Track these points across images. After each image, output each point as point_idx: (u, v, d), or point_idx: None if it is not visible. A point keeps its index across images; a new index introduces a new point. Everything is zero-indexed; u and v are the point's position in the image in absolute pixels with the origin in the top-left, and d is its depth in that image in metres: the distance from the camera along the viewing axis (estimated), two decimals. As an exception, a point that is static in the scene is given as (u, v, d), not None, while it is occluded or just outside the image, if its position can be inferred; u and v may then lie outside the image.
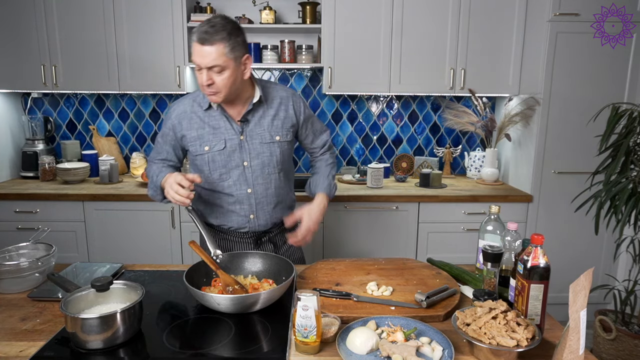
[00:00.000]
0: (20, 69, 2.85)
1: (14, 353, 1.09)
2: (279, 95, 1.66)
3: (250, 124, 1.61)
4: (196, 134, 1.60)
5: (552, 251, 2.73)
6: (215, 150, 1.60)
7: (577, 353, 0.97)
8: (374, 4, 2.79)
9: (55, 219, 2.70)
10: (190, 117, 1.60)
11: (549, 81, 2.69)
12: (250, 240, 1.73)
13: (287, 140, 1.67)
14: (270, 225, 1.73)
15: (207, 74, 1.45)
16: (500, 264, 1.31)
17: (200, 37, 1.43)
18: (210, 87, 1.47)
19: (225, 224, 1.71)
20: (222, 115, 1.60)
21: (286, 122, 1.66)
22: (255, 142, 1.61)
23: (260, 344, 1.14)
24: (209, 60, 1.43)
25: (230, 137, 1.60)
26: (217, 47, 1.42)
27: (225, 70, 1.46)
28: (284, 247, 1.81)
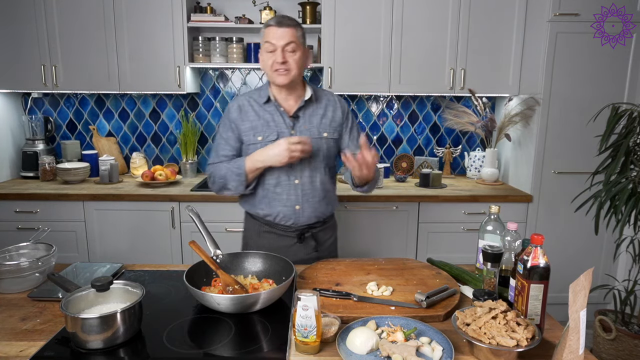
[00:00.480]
0: (20, 69, 2.85)
1: (14, 353, 1.09)
2: (327, 97, 1.81)
3: (300, 119, 1.73)
4: (250, 125, 1.72)
5: (552, 251, 2.73)
6: (268, 141, 1.69)
7: (577, 353, 0.97)
8: (374, 4, 2.80)
9: (56, 219, 2.71)
10: (247, 110, 1.74)
11: (549, 81, 2.69)
12: (294, 235, 1.78)
13: (333, 138, 1.77)
14: (314, 219, 1.78)
15: (281, 53, 1.61)
16: (500, 264, 1.31)
17: (278, 20, 1.62)
18: (284, 64, 1.62)
19: (271, 213, 1.75)
20: (276, 110, 1.72)
21: (333, 121, 1.77)
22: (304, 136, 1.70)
23: (260, 344, 1.14)
24: (286, 38, 1.61)
25: (282, 130, 1.70)
26: (292, 30, 1.62)
27: (297, 50, 1.63)
28: (324, 244, 1.86)
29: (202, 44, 2.95)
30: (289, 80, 1.65)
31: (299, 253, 1.78)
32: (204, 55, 2.96)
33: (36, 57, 2.84)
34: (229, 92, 3.26)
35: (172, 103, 3.27)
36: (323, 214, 1.80)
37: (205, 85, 3.25)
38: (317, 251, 1.82)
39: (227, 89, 3.26)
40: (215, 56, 2.97)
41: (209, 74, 3.23)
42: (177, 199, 2.69)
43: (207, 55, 2.98)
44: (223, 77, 3.25)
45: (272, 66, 1.63)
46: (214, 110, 3.28)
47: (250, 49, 2.98)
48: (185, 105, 3.27)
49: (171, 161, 3.35)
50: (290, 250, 1.77)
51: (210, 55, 2.98)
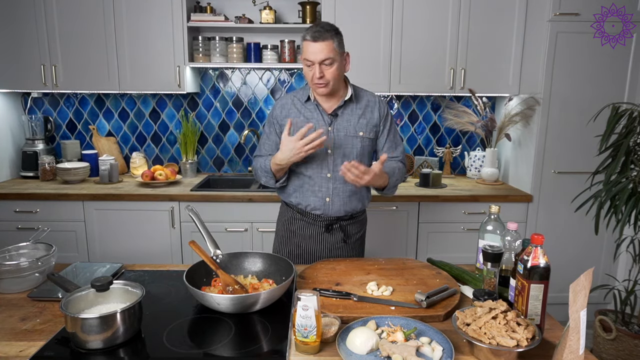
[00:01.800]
0: (20, 69, 2.85)
1: (14, 353, 1.09)
2: (368, 98, 1.85)
3: (339, 118, 1.79)
4: (292, 121, 1.76)
5: (552, 251, 2.73)
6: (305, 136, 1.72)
7: (577, 353, 0.97)
8: (374, 4, 2.79)
9: (55, 219, 2.71)
10: (289, 108, 1.84)
11: (549, 81, 2.69)
12: (322, 224, 1.86)
13: (369, 137, 1.82)
14: (343, 212, 1.85)
15: (319, 68, 1.67)
16: (500, 264, 1.31)
17: (313, 35, 1.66)
18: (321, 79, 1.69)
19: (302, 202, 1.85)
20: (317, 108, 1.80)
21: (371, 121, 1.82)
22: (340, 134, 1.79)
23: (260, 344, 1.14)
24: (322, 55, 1.66)
25: (320, 126, 1.77)
26: (327, 43, 1.66)
27: (334, 63, 1.68)
28: (352, 238, 1.93)
29: (202, 44, 2.95)
30: (327, 92, 1.73)
31: (326, 242, 1.88)
32: (204, 55, 2.96)
33: (36, 57, 2.84)
34: (229, 92, 3.26)
35: (172, 103, 3.27)
36: (352, 208, 1.87)
37: (205, 85, 3.25)
38: (345, 242, 1.90)
39: (227, 89, 3.26)
40: (215, 56, 2.97)
41: (209, 73, 3.23)
42: (177, 198, 2.69)
43: (207, 55, 2.97)
44: (223, 76, 3.25)
45: (312, 80, 1.71)
46: (214, 110, 3.28)
47: (250, 48, 2.98)
48: (185, 105, 3.27)
49: (171, 161, 3.35)
50: (317, 238, 1.88)
51: (210, 55, 2.98)
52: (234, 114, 3.29)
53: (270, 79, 3.25)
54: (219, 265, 1.43)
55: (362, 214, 1.98)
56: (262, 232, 2.74)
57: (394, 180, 1.83)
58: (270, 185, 1.86)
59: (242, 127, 3.30)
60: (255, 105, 3.28)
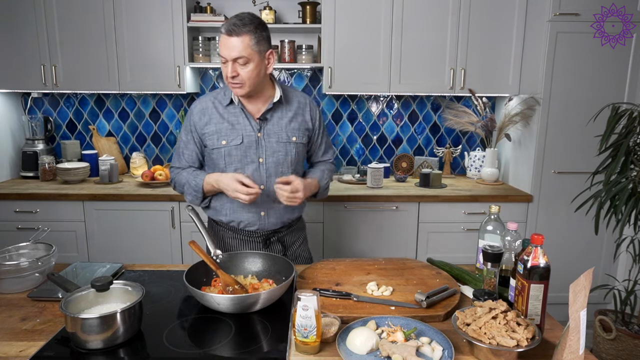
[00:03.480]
0: (20, 69, 2.85)
1: (14, 353, 1.09)
2: (298, 100, 1.72)
3: (268, 122, 1.65)
4: (215, 128, 1.63)
5: (552, 251, 2.73)
6: (232, 145, 1.62)
7: (577, 353, 0.97)
8: (374, 4, 2.79)
9: (55, 219, 2.70)
10: (210, 112, 1.65)
11: (549, 81, 2.69)
12: (259, 240, 1.74)
13: (302, 142, 1.71)
14: (280, 224, 1.74)
15: (232, 66, 1.51)
16: (500, 264, 1.31)
17: (228, 28, 1.48)
18: (234, 78, 1.53)
19: (235, 220, 1.71)
20: (242, 112, 1.64)
21: (302, 125, 1.70)
22: (272, 140, 1.65)
23: (260, 344, 1.14)
24: (235, 51, 1.49)
25: (247, 133, 1.63)
26: (243, 39, 1.48)
27: (249, 62, 1.51)
28: (292, 247, 1.81)
29: (202, 44, 2.95)
30: (243, 93, 1.57)
31: None
32: (204, 55, 2.96)
33: (36, 57, 2.84)
34: (229, 92, 3.26)
35: (172, 103, 3.27)
36: (289, 219, 1.76)
37: (205, 85, 3.25)
38: (285, 255, 1.77)
39: (227, 89, 3.25)
40: (215, 56, 2.97)
41: (209, 73, 3.23)
42: (177, 199, 2.69)
43: (207, 55, 2.97)
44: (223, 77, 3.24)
45: (226, 78, 1.55)
46: (214, 110, 3.27)
47: (250, 48, 2.97)
48: (185, 105, 3.26)
49: (171, 161, 3.35)
50: None
51: (210, 55, 2.98)
52: (234, 114, 3.28)
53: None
54: (219, 265, 1.42)
55: (298, 221, 1.84)
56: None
57: (325, 183, 1.76)
58: (193, 204, 1.69)
59: (242, 127, 3.29)
60: (255, 105, 3.28)
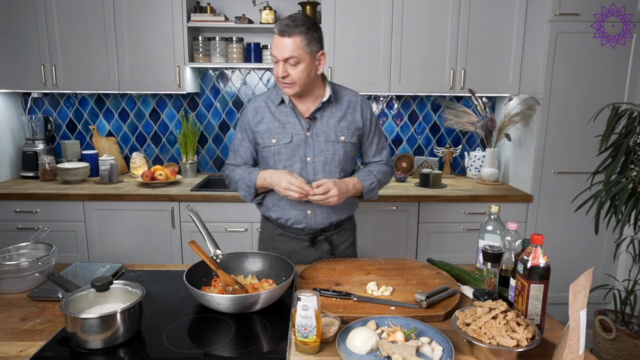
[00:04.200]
0: (20, 69, 2.85)
1: (14, 353, 1.09)
2: (349, 98, 1.71)
3: (317, 121, 1.66)
4: (266, 127, 1.67)
5: (552, 251, 2.73)
6: (282, 143, 1.65)
7: (577, 353, 0.97)
8: (374, 4, 2.79)
9: (55, 219, 2.71)
10: (263, 111, 1.69)
11: (549, 81, 2.69)
12: (306, 238, 1.74)
13: (351, 142, 1.69)
14: (327, 223, 1.73)
15: (283, 66, 1.53)
16: (500, 264, 1.31)
17: (280, 29, 1.51)
18: (285, 78, 1.55)
19: (283, 216, 1.73)
20: (292, 111, 1.66)
21: (352, 124, 1.69)
22: (320, 139, 1.65)
23: (260, 344, 1.14)
24: (286, 52, 1.51)
25: (297, 132, 1.65)
26: (294, 40, 1.51)
27: (300, 63, 1.53)
28: (340, 247, 1.80)
29: (202, 44, 2.95)
30: (294, 93, 1.59)
31: (311, 256, 1.75)
32: (204, 55, 2.96)
33: (36, 57, 2.84)
34: (229, 92, 3.26)
35: (172, 103, 3.27)
36: (337, 218, 1.75)
37: (205, 85, 3.25)
38: (332, 254, 1.77)
39: (227, 89, 3.26)
40: (215, 56, 2.97)
41: (209, 73, 3.23)
42: (177, 198, 2.69)
43: (207, 55, 2.97)
44: (223, 77, 3.25)
45: (277, 78, 1.58)
46: (214, 110, 3.28)
47: (250, 48, 2.98)
48: (185, 105, 3.27)
49: (171, 161, 3.35)
50: (302, 253, 1.75)
51: (210, 55, 2.98)
52: (234, 114, 3.29)
53: (270, 79, 3.25)
54: (219, 265, 1.42)
55: (348, 222, 1.83)
56: (262, 232, 2.74)
57: (369, 183, 1.70)
58: (246, 200, 1.74)
59: (242, 127, 3.29)
60: (255, 105, 3.28)
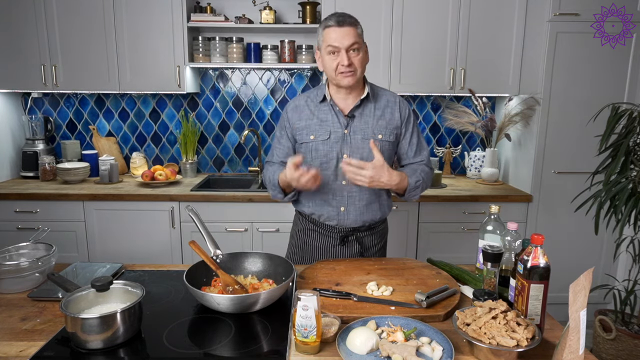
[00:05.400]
0: (20, 69, 2.85)
1: (14, 353, 1.09)
2: (387, 98, 1.73)
3: (356, 119, 1.67)
4: (305, 124, 1.70)
5: (552, 251, 2.72)
6: (319, 140, 1.67)
7: (577, 353, 0.97)
8: (374, 3, 2.79)
9: (55, 219, 2.71)
10: (302, 109, 1.72)
11: (549, 81, 2.69)
12: (337, 236, 1.75)
13: (388, 141, 1.69)
14: (360, 223, 1.73)
15: (346, 54, 1.57)
16: (500, 264, 1.31)
17: (337, 20, 1.57)
18: (350, 66, 1.58)
19: (316, 212, 1.74)
20: (331, 109, 1.68)
21: (390, 123, 1.69)
22: (357, 137, 1.66)
23: (260, 344, 1.14)
24: (349, 39, 1.56)
25: (335, 130, 1.66)
26: (354, 29, 1.58)
27: (361, 49, 1.61)
28: (370, 250, 1.80)
29: (202, 44, 2.95)
30: (355, 82, 1.62)
31: (341, 254, 1.76)
32: (204, 55, 2.96)
33: (36, 57, 2.84)
34: (229, 92, 3.26)
35: (172, 103, 3.27)
36: (371, 218, 1.74)
37: (205, 85, 3.25)
38: (362, 256, 1.76)
39: (227, 89, 3.26)
40: (215, 56, 2.97)
41: (209, 73, 3.23)
42: (177, 198, 2.69)
43: (207, 55, 2.98)
44: (223, 77, 3.25)
45: (337, 69, 1.58)
46: (214, 110, 3.28)
47: (250, 48, 2.98)
48: (185, 105, 3.27)
49: (171, 161, 3.35)
50: (332, 251, 1.76)
51: (210, 55, 2.98)
52: (234, 114, 3.29)
53: (270, 79, 3.25)
54: (219, 265, 1.42)
55: (381, 224, 1.83)
56: (262, 232, 2.74)
57: (414, 181, 1.65)
58: (278, 200, 1.76)
59: (242, 127, 3.30)
60: (255, 106, 3.28)
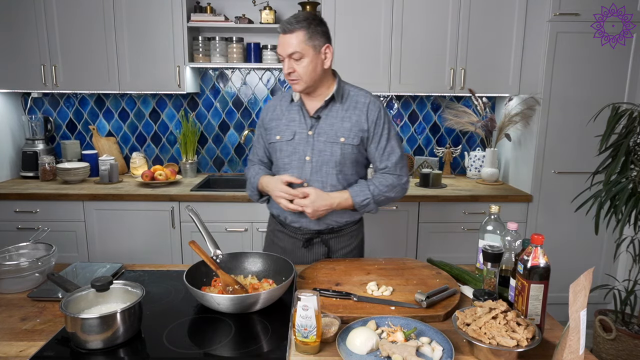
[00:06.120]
0: (20, 69, 2.85)
1: (14, 353, 1.09)
2: (357, 99, 1.67)
3: (321, 121, 1.66)
4: (275, 124, 1.72)
5: (552, 251, 2.72)
6: (284, 140, 1.68)
7: (577, 353, 0.97)
8: (374, 4, 2.79)
9: (55, 219, 2.70)
10: (275, 109, 1.74)
11: (549, 81, 2.69)
12: (302, 238, 1.75)
13: (352, 144, 1.64)
14: (324, 225, 1.72)
15: (287, 62, 1.56)
16: (500, 264, 1.31)
17: (283, 27, 1.55)
18: (291, 75, 1.57)
19: (282, 214, 1.75)
20: (300, 110, 1.68)
21: (356, 125, 1.64)
22: (321, 139, 1.65)
23: (260, 344, 1.14)
24: (289, 48, 1.54)
25: (300, 131, 1.67)
26: (296, 35, 1.53)
27: (304, 57, 1.55)
28: (339, 252, 1.79)
29: (202, 44, 2.95)
30: (301, 89, 1.61)
31: (305, 257, 1.75)
32: (204, 55, 2.96)
33: (36, 57, 2.84)
34: (229, 92, 3.26)
35: (172, 103, 3.27)
36: (335, 221, 1.72)
37: (205, 85, 3.25)
38: (328, 257, 1.76)
39: (227, 89, 3.26)
40: (215, 56, 2.97)
41: (209, 73, 3.23)
42: (177, 198, 2.69)
43: (207, 55, 2.97)
44: (223, 77, 3.25)
45: (286, 76, 1.60)
46: (214, 110, 3.28)
47: (250, 48, 2.98)
48: (185, 105, 3.27)
49: (171, 161, 3.35)
50: (296, 252, 1.75)
51: (210, 55, 2.98)
52: (234, 114, 3.29)
53: (270, 79, 3.25)
54: (219, 265, 1.43)
55: (351, 227, 1.80)
56: (262, 232, 2.74)
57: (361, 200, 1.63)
58: (254, 200, 1.81)
59: (242, 127, 3.30)
60: (255, 106, 3.28)
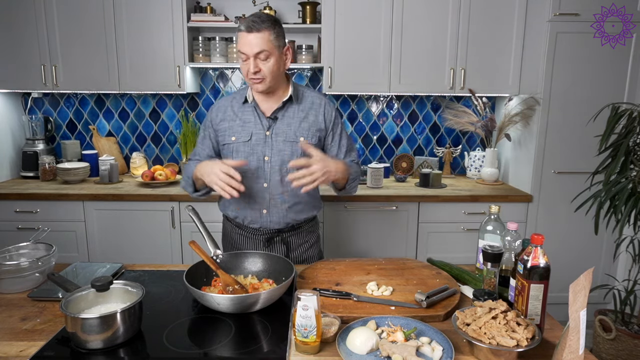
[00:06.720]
0: (20, 69, 2.85)
1: (14, 353, 1.09)
2: (312, 100, 1.72)
3: (278, 121, 1.67)
4: (227, 125, 1.70)
5: (552, 251, 2.73)
6: (241, 141, 1.67)
7: (577, 353, 0.97)
8: (374, 4, 2.79)
9: (55, 219, 2.70)
10: (225, 110, 1.72)
11: (549, 81, 2.69)
12: (262, 238, 1.75)
13: (311, 143, 1.66)
14: (283, 224, 1.73)
15: (253, 61, 1.55)
16: (500, 264, 1.31)
17: (248, 25, 1.53)
18: (256, 74, 1.56)
19: (239, 215, 1.74)
20: (254, 110, 1.68)
21: (314, 125, 1.69)
22: (279, 139, 1.66)
23: (260, 344, 1.14)
24: (257, 47, 1.53)
25: (257, 131, 1.66)
26: (263, 34, 1.53)
27: (270, 57, 1.56)
28: (297, 250, 1.80)
29: (202, 44, 2.95)
30: (265, 88, 1.61)
31: None
32: (204, 55, 2.96)
33: (36, 57, 2.84)
34: (229, 92, 3.26)
35: (172, 103, 3.27)
36: (294, 219, 1.73)
37: (205, 85, 3.25)
38: (288, 257, 1.76)
39: (227, 89, 3.26)
40: (215, 56, 2.97)
41: (209, 73, 3.23)
42: (177, 198, 2.69)
43: (207, 55, 2.97)
44: (223, 77, 3.25)
45: (247, 75, 1.58)
46: (214, 110, 3.28)
47: (250, 48, 2.98)
48: (185, 105, 3.27)
49: (171, 161, 3.35)
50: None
51: (210, 55, 2.98)
52: (234, 114, 3.28)
53: (270, 79, 3.24)
54: (219, 265, 1.43)
55: (307, 224, 1.81)
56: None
57: (353, 171, 1.69)
58: (188, 193, 1.73)
59: (242, 127, 3.29)
60: (255, 105, 3.28)
